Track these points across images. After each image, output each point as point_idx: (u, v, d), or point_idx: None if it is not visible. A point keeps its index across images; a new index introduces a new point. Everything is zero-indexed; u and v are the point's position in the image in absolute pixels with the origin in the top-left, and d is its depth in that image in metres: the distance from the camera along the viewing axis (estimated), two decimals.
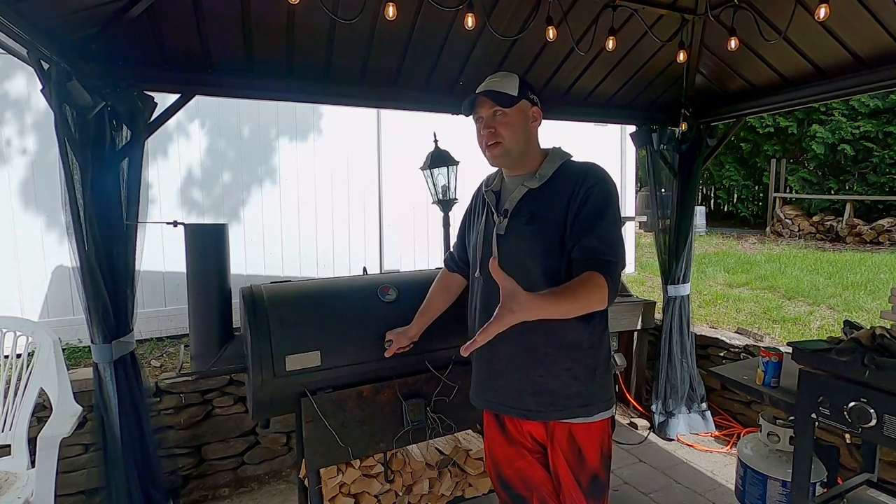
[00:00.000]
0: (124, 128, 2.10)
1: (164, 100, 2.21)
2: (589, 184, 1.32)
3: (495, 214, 1.44)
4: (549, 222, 1.34)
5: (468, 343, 1.14)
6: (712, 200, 15.50)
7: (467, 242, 1.63)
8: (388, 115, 4.83)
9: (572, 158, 1.44)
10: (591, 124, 5.92)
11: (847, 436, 1.64)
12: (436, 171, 2.89)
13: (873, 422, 1.43)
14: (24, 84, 3.47)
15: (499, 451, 1.52)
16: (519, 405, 1.41)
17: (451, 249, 1.76)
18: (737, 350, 3.35)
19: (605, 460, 1.43)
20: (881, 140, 10.15)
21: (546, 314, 1.14)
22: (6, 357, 2.23)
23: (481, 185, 1.60)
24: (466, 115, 1.44)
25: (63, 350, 2.63)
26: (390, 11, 1.94)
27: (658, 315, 3.61)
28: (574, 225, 1.30)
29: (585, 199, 1.30)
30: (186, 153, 4.04)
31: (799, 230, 10.25)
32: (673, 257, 3.32)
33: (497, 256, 1.28)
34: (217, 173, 4.16)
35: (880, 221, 9.22)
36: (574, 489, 1.40)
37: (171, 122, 2.28)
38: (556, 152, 1.44)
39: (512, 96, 1.37)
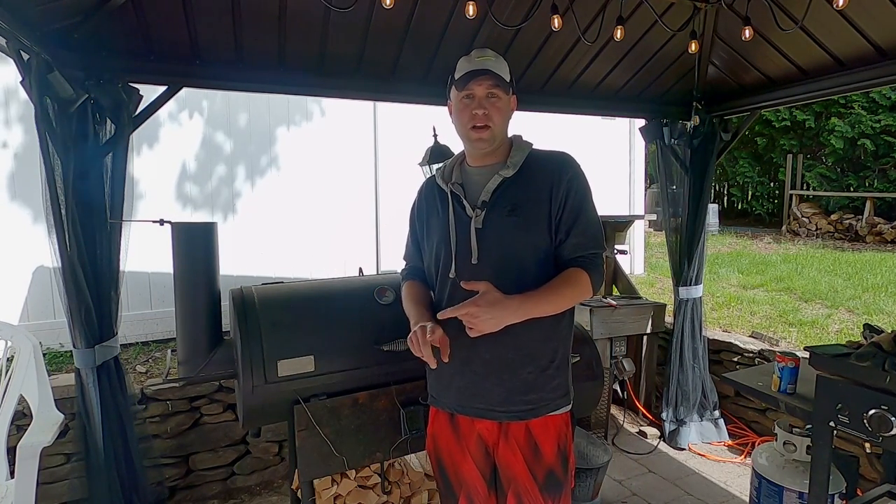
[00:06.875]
0: (108, 121, 2.10)
1: (150, 92, 2.21)
2: (568, 175, 1.40)
3: (469, 207, 1.42)
4: (532, 213, 1.38)
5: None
6: (725, 198, 15.53)
7: (424, 246, 1.54)
8: (385, 108, 4.82)
9: (534, 146, 1.49)
10: (598, 118, 5.94)
11: (867, 445, 1.64)
12: (435, 166, 2.89)
13: (895, 430, 1.43)
14: (6, 74, 3.48)
15: (443, 442, 1.54)
16: (508, 408, 1.41)
17: (409, 263, 1.64)
18: (751, 355, 3.36)
19: (562, 457, 1.45)
20: None
21: (529, 315, 1.29)
22: None
23: (431, 182, 1.54)
24: (459, 89, 1.38)
25: (44, 355, 2.63)
26: None
27: (668, 318, 3.61)
28: (561, 220, 1.39)
29: (567, 191, 1.38)
30: (174, 147, 4.05)
31: (816, 229, 10.26)
32: (685, 257, 3.33)
33: (478, 252, 1.38)
34: (207, 169, 4.17)
35: None
36: (529, 483, 1.41)
37: (160, 111, 2.29)
38: (520, 141, 1.49)
39: (508, 82, 1.41)
